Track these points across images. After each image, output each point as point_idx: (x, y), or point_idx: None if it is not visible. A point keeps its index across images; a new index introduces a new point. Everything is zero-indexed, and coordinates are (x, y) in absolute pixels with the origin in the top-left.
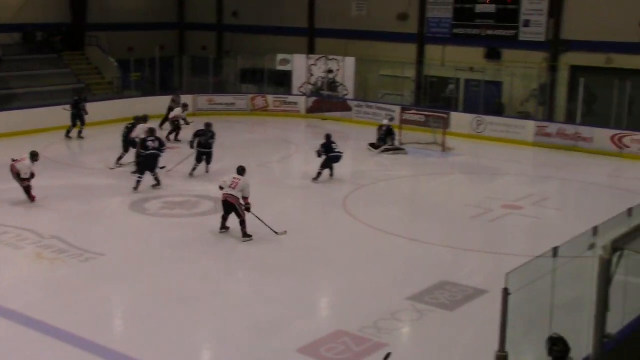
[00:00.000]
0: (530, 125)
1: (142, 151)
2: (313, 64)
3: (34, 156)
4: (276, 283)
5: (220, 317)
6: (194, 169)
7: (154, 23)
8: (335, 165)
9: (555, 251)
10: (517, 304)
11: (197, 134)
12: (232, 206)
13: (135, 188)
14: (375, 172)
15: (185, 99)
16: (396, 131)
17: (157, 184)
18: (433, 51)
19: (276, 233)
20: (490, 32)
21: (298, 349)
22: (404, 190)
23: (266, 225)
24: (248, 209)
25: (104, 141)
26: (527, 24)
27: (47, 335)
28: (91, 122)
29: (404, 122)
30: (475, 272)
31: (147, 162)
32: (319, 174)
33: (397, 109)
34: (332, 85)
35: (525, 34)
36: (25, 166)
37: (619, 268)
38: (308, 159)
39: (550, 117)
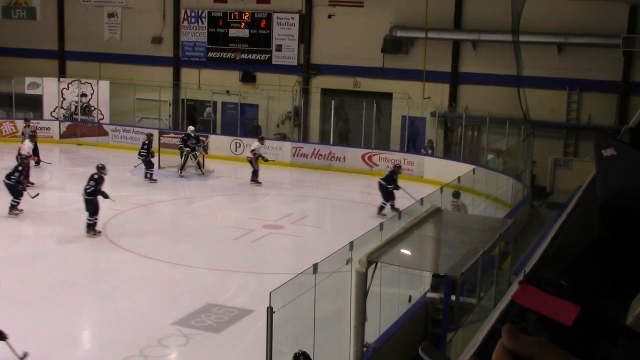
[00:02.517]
0: (287, 146)
1: None
2: (65, 88)
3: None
4: (33, 318)
5: None
6: None
7: None
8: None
9: (315, 267)
10: (282, 320)
11: None
12: None
13: None
14: (134, 197)
15: None
16: (155, 154)
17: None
18: (189, 74)
19: None
20: (244, 56)
21: None
22: (165, 214)
23: None
24: None
25: None
26: (279, 48)
27: None
28: None
29: (162, 145)
30: (240, 293)
31: None
32: None
33: (155, 132)
34: (87, 109)
35: (278, 58)
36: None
37: (375, 279)
38: (64, 185)
39: (305, 138)
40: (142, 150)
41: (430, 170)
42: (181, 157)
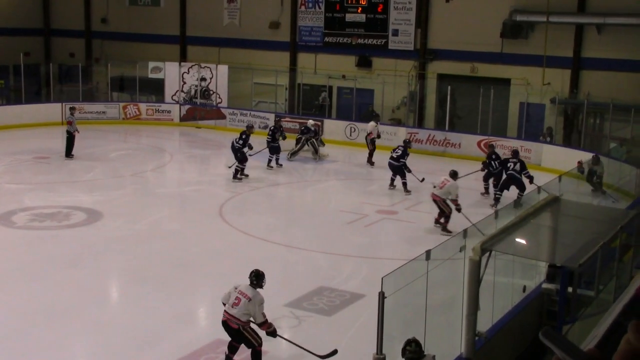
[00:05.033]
0: (402, 131)
1: None
2: (185, 72)
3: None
4: (153, 295)
5: (96, 331)
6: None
7: (17, 28)
8: (213, 173)
9: (428, 254)
10: (393, 306)
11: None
12: (237, 332)
13: None
14: (251, 180)
15: (53, 107)
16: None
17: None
18: (305, 59)
19: (320, 357)
20: (360, 41)
21: (178, 359)
22: (280, 198)
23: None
24: (271, 334)
25: None
26: (396, 33)
27: None
28: None
29: None
30: (351, 277)
31: None
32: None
33: (271, 116)
34: (206, 93)
35: (394, 43)
36: None
37: (488, 268)
38: (183, 167)
39: (420, 124)
40: (268, 137)
41: (549, 158)
42: (296, 145)
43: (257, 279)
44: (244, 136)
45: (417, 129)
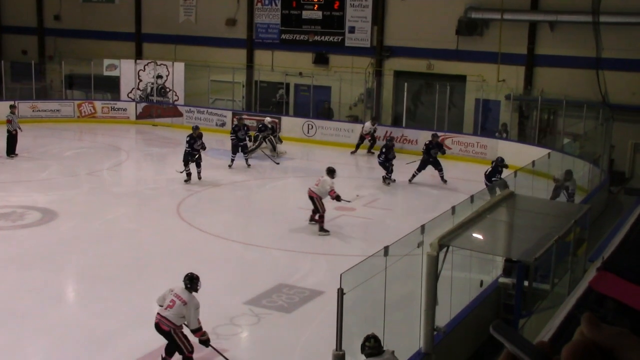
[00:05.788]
0: (359, 128)
1: None
2: (141, 69)
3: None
4: (109, 295)
5: (50, 333)
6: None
7: None
8: (170, 171)
9: (386, 250)
10: (352, 302)
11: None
12: (168, 335)
13: None
14: (206, 177)
15: (5, 106)
16: (225, 136)
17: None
18: (262, 56)
19: None
20: (317, 38)
21: (138, 359)
22: (238, 195)
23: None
24: (204, 343)
25: None
26: (352, 30)
27: None
28: None
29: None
30: (310, 274)
31: None
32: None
33: (229, 114)
34: (162, 90)
35: (351, 40)
36: None
37: (446, 263)
38: (140, 165)
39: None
40: (231, 136)
41: (504, 154)
42: (254, 143)
43: (191, 282)
44: (187, 138)
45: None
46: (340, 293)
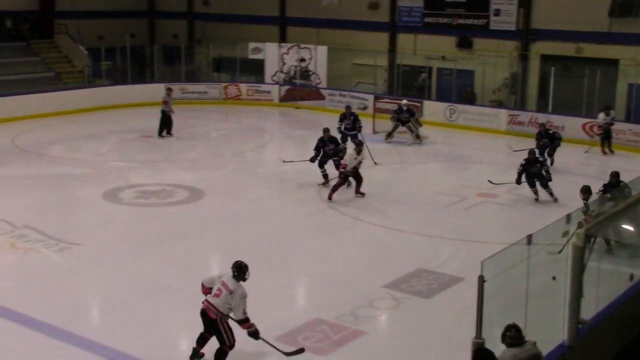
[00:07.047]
0: (503, 113)
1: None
2: (285, 53)
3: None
4: (252, 272)
5: (196, 306)
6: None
7: (123, 11)
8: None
9: (529, 238)
10: (493, 291)
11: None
12: (213, 323)
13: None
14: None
15: (157, 88)
16: (367, 120)
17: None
18: (405, 40)
19: (286, 353)
20: (461, 21)
21: (275, 338)
22: (379, 179)
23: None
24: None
25: (73, 131)
26: (497, 13)
27: (21, 325)
28: (62, 111)
29: (377, 110)
30: (450, 260)
31: None
32: None
33: (370, 97)
34: (305, 74)
35: (495, 23)
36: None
37: (592, 255)
38: (282, 147)
39: (522, 106)
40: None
41: None
42: (393, 127)
43: (238, 270)
44: (352, 117)
45: (519, 111)
46: (481, 280)
